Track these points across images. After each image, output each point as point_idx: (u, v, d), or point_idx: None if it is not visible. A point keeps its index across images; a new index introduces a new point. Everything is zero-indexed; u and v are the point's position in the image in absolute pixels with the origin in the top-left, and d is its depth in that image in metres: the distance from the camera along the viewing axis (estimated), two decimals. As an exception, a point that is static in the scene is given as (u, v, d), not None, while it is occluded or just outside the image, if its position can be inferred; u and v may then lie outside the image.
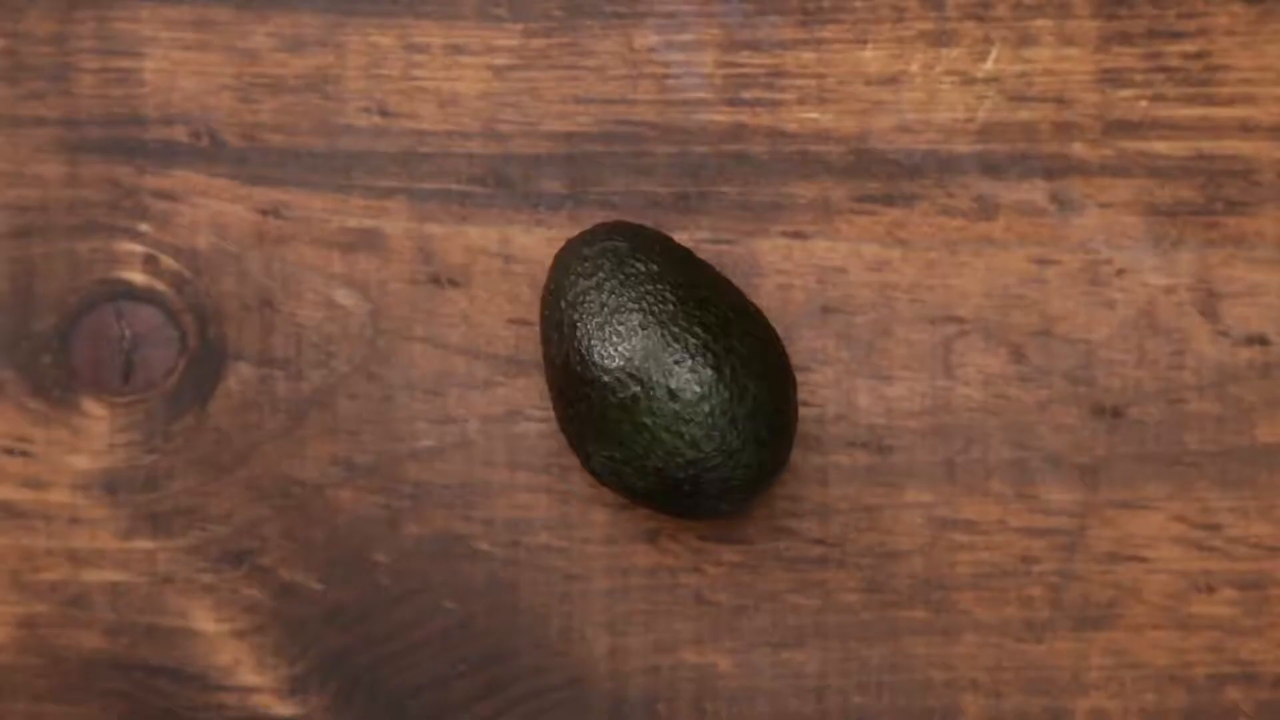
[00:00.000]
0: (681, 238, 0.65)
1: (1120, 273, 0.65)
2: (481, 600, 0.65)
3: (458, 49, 0.66)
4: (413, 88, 0.66)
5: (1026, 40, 0.65)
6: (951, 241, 0.65)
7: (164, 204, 0.66)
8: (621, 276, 0.60)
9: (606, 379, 0.59)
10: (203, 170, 0.66)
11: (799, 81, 0.65)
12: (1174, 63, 0.65)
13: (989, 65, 0.65)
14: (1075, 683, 0.65)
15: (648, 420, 0.58)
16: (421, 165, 0.66)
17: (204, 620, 0.66)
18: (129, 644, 0.66)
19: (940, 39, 0.65)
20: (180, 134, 0.66)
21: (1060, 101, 0.65)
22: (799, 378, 0.65)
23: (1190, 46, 0.65)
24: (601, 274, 0.60)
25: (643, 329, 0.59)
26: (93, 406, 0.66)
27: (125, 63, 0.66)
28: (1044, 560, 0.65)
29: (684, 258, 0.61)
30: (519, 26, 0.66)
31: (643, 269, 0.60)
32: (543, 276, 0.65)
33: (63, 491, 0.66)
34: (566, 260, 0.61)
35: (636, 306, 0.59)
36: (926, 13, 0.65)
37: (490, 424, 0.66)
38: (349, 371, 0.66)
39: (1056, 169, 0.65)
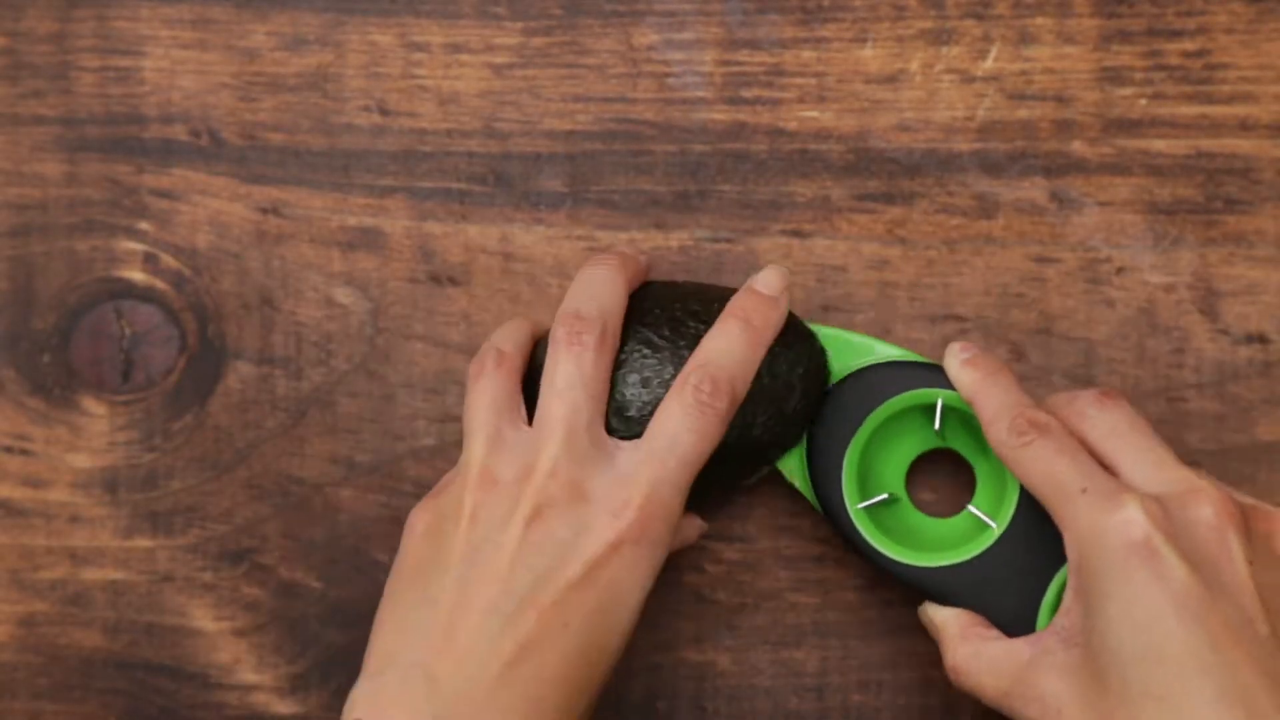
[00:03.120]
0: (681, 236, 0.65)
1: (1120, 271, 0.65)
2: (481, 599, 0.65)
3: (457, 48, 0.66)
4: (412, 86, 0.66)
5: (1026, 38, 0.65)
6: (951, 240, 0.65)
7: (164, 202, 0.66)
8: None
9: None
10: (202, 169, 0.66)
11: (799, 80, 0.65)
12: (1173, 61, 0.65)
13: (988, 63, 0.65)
14: (1075, 681, 0.65)
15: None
16: (421, 164, 0.66)
17: (204, 619, 0.66)
18: (129, 642, 0.66)
19: (940, 37, 0.65)
20: (180, 132, 0.66)
21: (1060, 100, 0.65)
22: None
23: (1190, 45, 0.65)
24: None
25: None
26: (92, 405, 0.66)
27: (125, 61, 0.66)
28: (1044, 558, 0.65)
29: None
30: (518, 25, 0.66)
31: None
32: (542, 275, 0.65)
33: (63, 490, 0.66)
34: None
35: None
36: (926, 11, 0.65)
37: (490, 422, 0.65)
38: (349, 370, 0.66)
39: (1056, 167, 0.65)
